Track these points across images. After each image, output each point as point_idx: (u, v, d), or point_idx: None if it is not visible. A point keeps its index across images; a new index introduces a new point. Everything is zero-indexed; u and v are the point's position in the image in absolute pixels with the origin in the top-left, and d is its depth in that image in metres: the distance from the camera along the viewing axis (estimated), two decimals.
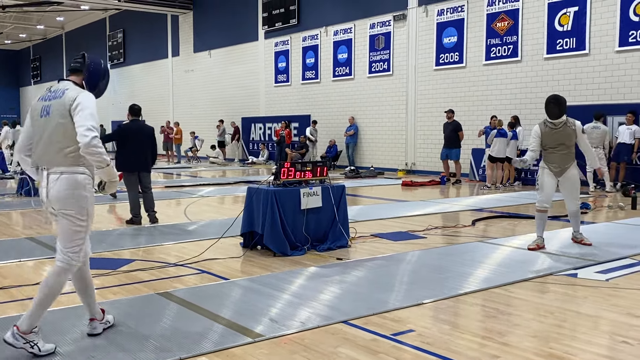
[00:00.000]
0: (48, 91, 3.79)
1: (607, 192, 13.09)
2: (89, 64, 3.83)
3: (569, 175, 6.84)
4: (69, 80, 3.78)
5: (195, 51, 28.59)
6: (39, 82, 45.73)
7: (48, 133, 3.61)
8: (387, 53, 19.45)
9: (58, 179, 3.58)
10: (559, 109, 6.69)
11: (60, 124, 3.58)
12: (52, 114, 3.61)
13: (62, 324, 4.24)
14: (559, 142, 6.74)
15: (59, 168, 3.58)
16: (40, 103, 3.72)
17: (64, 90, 3.66)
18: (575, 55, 14.74)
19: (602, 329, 4.18)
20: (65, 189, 3.58)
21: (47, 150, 3.62)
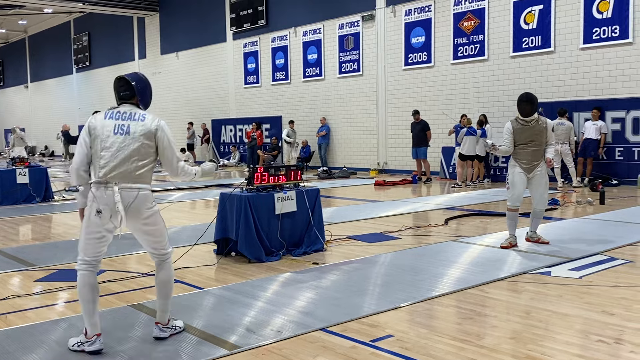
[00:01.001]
0: (116, 112, 3.95)
1: (575, 187, 13.32)
2: (136, 86, 4.02)
3: (539, 173, 6.88)
4: (130, 104, 4.01)
5: (163, 53, 28.24)
6: (2, 87, 44.70)
7: (129, 151, 3.84)
8: (357, 53, 19.48)
9: (137, 195, 3.85)
10: (531, 107, 6.78)
11: (145, 144, 3.87)
12: (133, 134, 3.87)
13: (29, 340, 4.11)
14: (530, 138, 6.80)
15: (135, 185, 3.85)
16: (111, 121, 3.89)
17: (143, 115, 3.95)
18: (540, 53, 14.95)
19: (578, 328, 4.22)
20: (144, 202, 3.89)
21: (122, 166, 3.83)
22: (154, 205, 3.97)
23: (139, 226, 3.93)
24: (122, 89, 4.01)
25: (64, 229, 9.35)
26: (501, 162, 15.39)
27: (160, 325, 4.12)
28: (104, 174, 3.81)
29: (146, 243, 4.05)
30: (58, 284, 5.73)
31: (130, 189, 3.83)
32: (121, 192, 3.79)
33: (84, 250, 3.88)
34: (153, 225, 3.96)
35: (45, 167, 13.46)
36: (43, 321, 4.57)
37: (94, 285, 3.88)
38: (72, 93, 36.03)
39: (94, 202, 3.80)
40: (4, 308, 4.96)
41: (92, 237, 3.85)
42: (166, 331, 4.11)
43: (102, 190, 3.79)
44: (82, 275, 3.86)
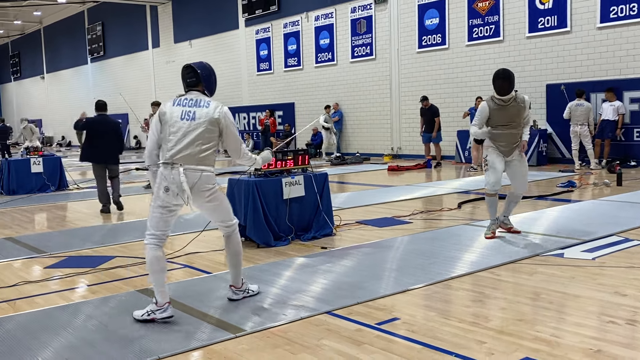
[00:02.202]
0: (183, 99, 4.23)
1: (592, 169, 13.10)
2: (201, 74, 4.25)
3: (517, 156, 6.42)
4: (197, 91, 4.26)
5: (176, 42, 28.26)
6: (19, 78, 45.07)
7: (194, 135, 4.11)
8: (369, 37, 19.29)
9: (200, 176, 4.12)
10: (509, 84, 6.13)
11: (209, 129, 4.14)
12: (198, 119, 4.13)
13: (35, 325, 4.12)
14: (509, 119, 6.25)
15: (199, 167, 4.13)
16: (179, 108, 4.18)
17: (207, 102, 4.20)
18: (557, 33, 14.67)
19: (589, 310, 4.12)
20: (207, 183, 4.17)
21: (187, 149, 4.11)
22: (215, 184, 4.25)
23: (203, 203, 4.25)
24: (189, 76, 4.27)
25: (76, 216, 9.40)
26: None
27: (234, 288, 4.53)
28: (170, 156, 4.12)
29: (213, 218, 4.44)
30: (68, 270, 5.75)
31: (195, 170, 4.11)
32: (186, 173, 4.08)
33: (152, 224, 4.17)
34: (216, 201, 4.28)
35: (59, 156, 13.55)
36: (51, 307, 4.58)
37: (161, 257, 4.16)
38: (87, 83, 36.24)
39: (163, 180, 4.12)
40: (14, 294, 4.99)
41: (159, 213, 4.16)
42: (239, 294, 4.53)
43: (169, 170, 4.11)
44: (151, 248, 4.14)
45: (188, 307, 4.43)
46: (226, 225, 4.43)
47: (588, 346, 3.47)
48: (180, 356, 3.54)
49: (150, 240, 4.16)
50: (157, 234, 4.17)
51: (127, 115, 32.57)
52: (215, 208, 4.33)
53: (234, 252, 4.50)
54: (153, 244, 4.15)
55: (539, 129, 14.85)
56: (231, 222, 4.44)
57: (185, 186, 4.06)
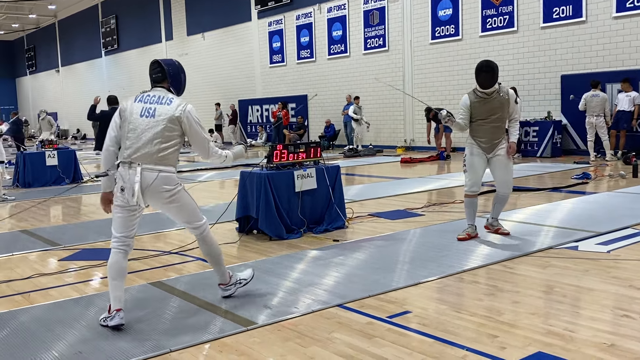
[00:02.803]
0: (145, 95, 4.06)
1: (608, 160, 12.96)
2: (168, 70, 4.09)
3: (500, 152, 5.99)
4: (161, 87, 4.09)
5: (189, 34, 28.29)
6: (35, 72, 45.42)
7: (152, 133, 3.91)
8: (382, 28, 19.19)
9: (157, 176, 3.91)
10: (492, 76, 5.79)
11: (168, 127, 3.93)
12: (157, 117, 3.94)
13: (49, 318, 4.16)
14: (491, 112, 5.87)
15: (157, 167, 3.92)
16: (140, 104, 4.00)
17: (170, 99, 4.00)
18: (572, 23, 14.49)
19: (603, 303, 4.08)
20: (165, 184, 3.95)
21: (145, 148, 3.91)
22: (176, 186, 4.02)
23: (164, 205, 4.05)
24: (155, 72, 4.12)
25: (91, 209, 9.47)
26: (532, 137, 15.05)
27: (223, 286, 4.43)
28: (128, 155, 3.93)
29: (177, 219, 4.24)
30: (81, 263, 5.80)
31: (152, 170, 3.91)
32: (143, 173, 3.89)
33: (114, 227, 4.04)
34: (177, 202, 4.05)
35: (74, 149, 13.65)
36: (64, 299, 4.62)
37: (119, 262, 3.99)
38: (101, 76, 36.44)
39: (119, 180, 3.94)
40: (28, 286, 5.04)
41: (119, 214, 4.01)
42: (230, 288, 4.43)
43: (127, 169, 3.92)
44: (113, 252, 4.01)
45: (200, 300, 4.45)
46: (193, 227, 4.20)
47: (602, 340, 3.43)
48: (191, 349, 3.56)
49: (113, 244, 4.02)
50: (118, 237, 4.01)
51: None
52: (179, 210, 4.11)
53: (210, 253, 4.30)
54: (116, 247, 4.00)
55: (553, 120, 14.71)
56: (198, 222, 4.20)
57: (136, 187, 3.86)
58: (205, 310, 4.21)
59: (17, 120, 19.87)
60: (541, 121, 14.91)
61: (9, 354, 3.54)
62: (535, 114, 15.38)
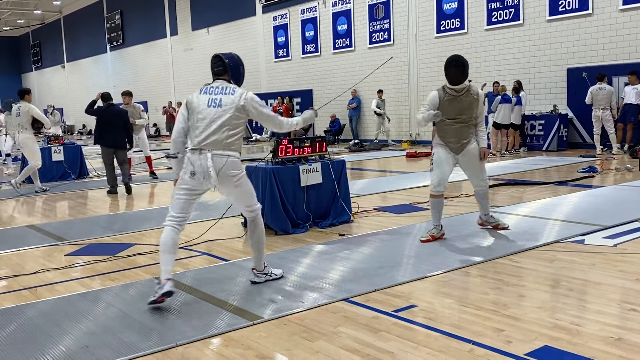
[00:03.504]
0: (209, 87, 4.38)
1: (614, 154, 12.90)
2: (228, 63, 4.43)
3: (470, 150, 5.80)
4: (222, 79, 4.42)
5: (194, 29, 28.27)
6: (40, 67, 45.51)
7: (220, 122, 4.24)
8: (387, 22, 19.13)
9: (226, 162, 4.24)
10: (462, 72, 5.56)
11: (235, 116, 4.26)
12: (224, 106, 4.26)
13: (55, 312, 4.17)
14: (460, 112, 5.65)
15: (225, 152, 4.25)
16: (205, 96, 4.33)
17: (233, 89, 4.34)
18: (578, 16, 14.40)
19: (610, 297, 4.07)
20: (232, 169, 4.28)
21: (214, 135, 4.24)
22: (241, 170, 4.38)
23: (231, 188, 4.38)
24: (216, 65, 4.43)
25: (96, 204, 9.50)
26: (538, 130, 14.99)
27: (255, 271, 4.67)
28: (198, 142, 4.26)
29: (238, 202, 4.55)
30: (88, 258, 5.82)
31: (221, 156, 4.24)
32: (213, 158, 4.21)
33: (173, 207, 4.34)
34: (242, 187, 4.39)
35: (80, 144, 13.69)
36: (71, 294, 4.64)
37: (173, 238, 4.28)
38: (107, 72, 36.48)
39: (189, 165, 4.27)
40: (35, 281, 5.06)
41: (182, 196, 4.31)
42: (261, 277, 4.66)
43: (197, 155, 4.24)
44: (167, 229, 4.29)
45: (206, 294, 4.46)
46: (251, 210, 4.52)
47: (609, 334, 3.42)
48: (198, 343, 3.56)
49: (168, 221, 4.31)
50: (176, 216, 4.31)
51: (146, 103, 32.75)
52: (241, 193, 4.44)
53: (257, 235, 4.59)
54: (170, 225, 4.30)
55: (559, 114, 14.65)
56: (255, 206, 4.54)
57: (212, 171, 4.19)
58: (212, 305, 4.22)
59: None
60: (547, 114, 14.85)
61: (16, 349, 3.56)
62: (541, 107, 15.32)
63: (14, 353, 3.50)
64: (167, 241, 4.26)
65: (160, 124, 30.67)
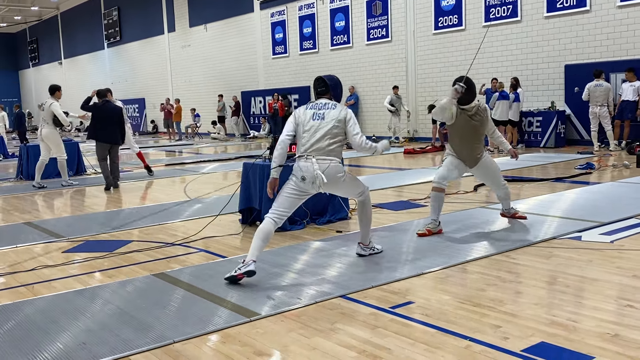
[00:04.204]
0: (314, 104, 4.93)
1: (612, 150, 12.92)
2: (330, 84, 5.01)
3: (484, 162, 6.02)
4: (326, 98, 4.98)
5: (191, 26, 28.23)
6: (38, 64, 45.40)
7: (322, 132, 4.77)
8: (385, 19, 19.11)
9: (329, 166, 4.74)
10: (470, 92, 5.76)
11: (335, 126, 4.79)
12: (327, 119, 4.81)
13: (53, 309, 4.17)
14: (473, 131, 5.87)
15: (328, 157, 4.75)
16: (311, 111, 4.88)
17: (334, 104, 4.92)
18: (576, 12, 14.42)
19: (607, 293, 4.07)
20: (336, 172, 4.80)
21: (319, 143, 4.75)
22: (343, 172, 4.90)
23: (334, 187, 4.93)
24: (319, 86, 5.01)
25: (94, 201, 9.49)
26: (535, 127, 15.01)
27: (362, 245, 5.23)
28: (304, 150, 4.77)
29: (348, 194, 5.25)
30: (85, 255, 5.81)
31: (324, 161, 4.72)
32: (318, 162, 4.68)
33: (278, 203, 4.77)
34: (348, 183, 4.96)
35: (77, 141, 13.66)
36: (68, 291, 4.63)
37: (268, 231, 4.65)
38: (104, 68, 36.41)
39: (298, 171, 4.74)
40: (32, 278, 5.06)
41: (289, 194, 4.76)
42: (366, 250, 5.22)
43: (304, 161, 4.73)
44: (266, 221, 4.68)
45: (203, 291, 4.45)
46: (360, 195, 5.06)
47: (605, 330, 3.43)
48: (195, 340, 3.56)
49: (271, 214, 4.71)
50: (278, 212, 4.71)
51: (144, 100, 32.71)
52: (349, 186, 5.01)
53: (366, 214, 5.10)
54: (271, 218, 4.69)
55: (557, 110, 14.67)
56: (364, 191, 5.07)
57: (319, 173, 4.63)
58: (209, 302, 4.22)
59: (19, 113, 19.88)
60: (545, 111, 14.86)
61: (13, 346, 3.55)
62: (538, 104, 15.34)
63: (11, 350, 3.50)
64: (264, 229, 4.63)
65: (158, 120, 30.62)
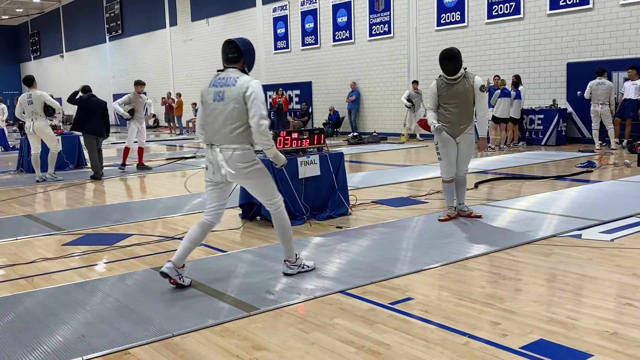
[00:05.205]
0: (217, 78, 4.33)
1: (613, 149, 12.90)
2: (243, 49, 4.30)
3: (467, 138, 6.25)
4: (234, 68, 4.30)
5: (193, 20, 28.17)
6: (39, 57, 45.34)
7: (223, 117, 4.23)
8: (388, 15, 19.06)
9: (232, 154, 4.23)
10: (454, 64, 6.07)
11: (235, 108, 4.19)
12: (226, 99, 4.21)
13: (52, 302, 4.17)
14: (455, 97, 6.13)
15: (232, 145, 4.23)
16: (212, 89, 4.30)
17: (235, 79, 4.22)
18: (578, 10, 14.37)
19: (606, 292, 4.07)
20: (241, 162, 4.26)
21: (221, 129, 4.25)
22: (252, 162, 4.33)
23: (241, 180, 4.45)
24: (231, 52, 4.32)
25: (94, 194, 9.49)
26: (537, 125, 14.98)
27: (288, 263, 4.65)
28: (208, 138, 4.35)
29: (254, 194, 4.64)
30: (85, 248, 5.82)
31: (227, 149, 4.25)
32: (222, 152, 4.25)
33: (206, 199, 4.49)
34: (253, 178, 4.38)
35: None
36: (68, 283, 4.64)
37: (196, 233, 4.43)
38: (105, 62, 36.37)
39: (205, 159, 4.40)
40: (32, 271, 5.06)
41: (209, 188, 4.46)
42: (293, 268, 4.63)
43: (209, 150, 4.33)
44: (200, 221, 4.45)
45: (203, 285, 4.46)
46: (267, 203, 4.54)
47: (604, 329, 3.43)
48: (194, 334, 3.57)
49: (204, 215, 4.48)
50: (207, 209, 4.46)
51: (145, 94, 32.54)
52: (255, 185, 4.46)
53: (280, 227, 4.58)
54: (203, 219, 4.46)
55: (558, 108, 14.64)
56: (271, 201, 4.51)
57: (223, 163, 4.24)
58: (208, 296, 4.22)
59: None
60: (546, 109, 14.84)
61: (13, 338, 3.56)
62: (540, 102, 15.31)
63: (11, 342, 3.50)
64: (191, 231, 4.45)
65: (159, 115, 30.58)
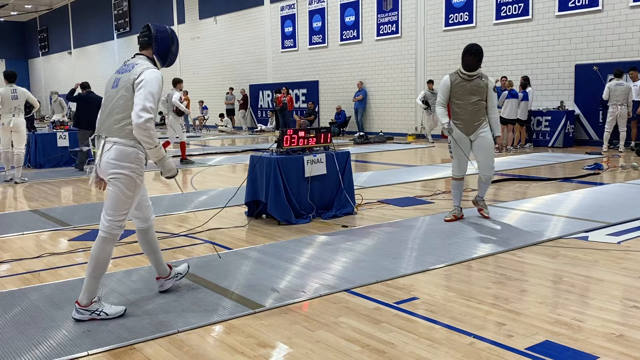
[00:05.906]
0: (123, 65, 3.85)
1: (620, 152, 12.83)
2: (155, 34, 3.84)
3: (483, 135, 6.23)
4: (142, 55, 3.85)
5: (201, 18, 28.21)
6: (47, 53, 45.51)
7: (111, 105, 3.72)
8: (395, 14, 19.04)
9: (110, 148, 3.65)
10: (477, 60, 6.02)
11: (122, 96, 3.66)
12: (119, 86, 3.70)
13: (58, 296, 4.19)
14: (470, 94, 6.10)
15: (113, 138, 3.66)
16: (114, 75, 3.83)
17: (134, 65, 3.72)
18: (587, 12, 14.31)
19: (612, 294, 4.06)
20: (113, 158, 3.65)
21: (108, 120, 3.72)
22: (127, 166, 3.65)
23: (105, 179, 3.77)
24: (142, 35, 3.89)
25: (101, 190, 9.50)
26: (544, 126, 14.94)
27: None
28: (97, 129, 3.85)
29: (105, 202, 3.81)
30: (91, 243, 5.80)
31: (109, 142, 3.70)
32: (105, 145, 3.72)
33: None
34: (113, 185, 3.68)
35: None
36: (74, 278, 4.66)
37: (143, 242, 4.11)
38: (113, 59, 36.44)
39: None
40: (38, 265, 5.09)
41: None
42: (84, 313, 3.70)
43: (97, 143, 3.82)
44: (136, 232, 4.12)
45: (209, 282, 4.47)
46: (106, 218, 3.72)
47: (610, 331, 3.42)
48: (199, 330, 3.58)
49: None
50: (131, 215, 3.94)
51: None
52: (109, 193, 3.70)
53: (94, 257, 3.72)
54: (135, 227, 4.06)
55: (566, 110, 14.59)
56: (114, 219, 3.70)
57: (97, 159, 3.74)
58: (214, 292, 4.23)
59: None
60: (554, 111, 14.78)
61: (19, 332, 3.58)
62: (548, 103, 15.26)
63: (17, 335, 3.52)
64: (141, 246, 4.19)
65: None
